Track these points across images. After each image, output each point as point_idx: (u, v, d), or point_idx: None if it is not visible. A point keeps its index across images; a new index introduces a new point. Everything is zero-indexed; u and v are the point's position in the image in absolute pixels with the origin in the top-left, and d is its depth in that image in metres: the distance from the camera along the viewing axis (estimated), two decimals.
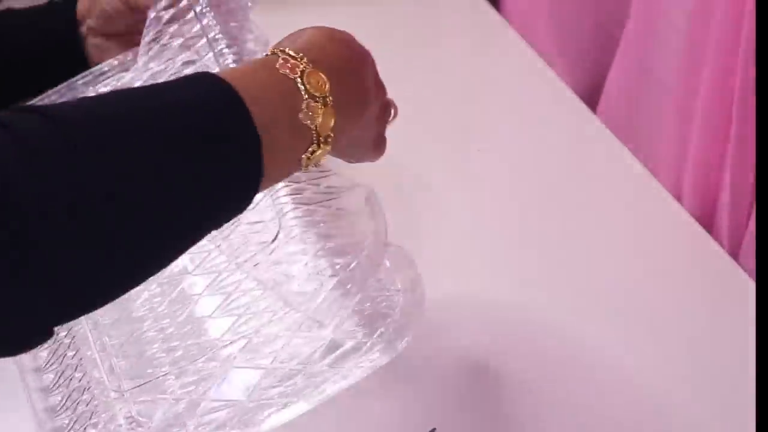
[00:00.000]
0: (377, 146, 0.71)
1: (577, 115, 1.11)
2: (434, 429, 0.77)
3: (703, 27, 0.90)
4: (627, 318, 0.88)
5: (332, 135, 0.59)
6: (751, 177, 0.90)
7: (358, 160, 0.71)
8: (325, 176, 0.72)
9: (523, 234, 0.96)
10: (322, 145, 0.59)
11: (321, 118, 0.58)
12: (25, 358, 0.78)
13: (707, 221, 0.97)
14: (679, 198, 1.00)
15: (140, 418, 0.69)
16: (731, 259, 0.94)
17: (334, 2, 1.23)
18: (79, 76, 0.87)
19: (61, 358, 0.77)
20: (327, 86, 0.59)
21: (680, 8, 0.94)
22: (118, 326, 0.78)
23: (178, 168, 0.52)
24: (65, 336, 0.77)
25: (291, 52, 0.60)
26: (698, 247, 0.96)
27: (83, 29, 0.88)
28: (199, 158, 0.53)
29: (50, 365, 0.78)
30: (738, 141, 0.89)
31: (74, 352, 0.76)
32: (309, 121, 0.58)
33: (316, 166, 0.60)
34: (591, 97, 1.13)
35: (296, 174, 0.63)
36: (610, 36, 1.08)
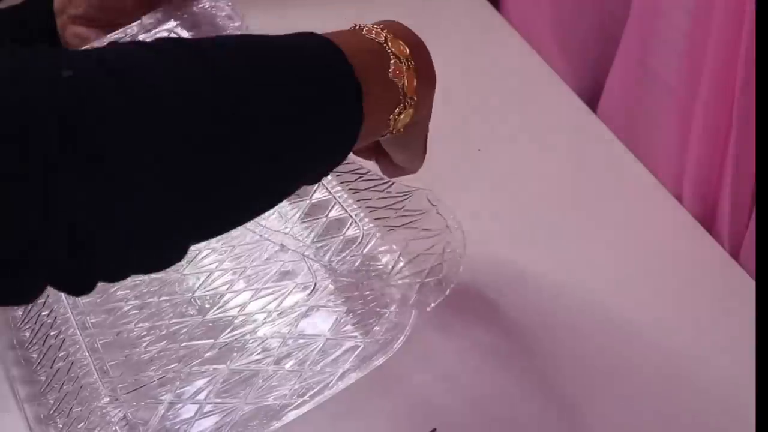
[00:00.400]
0: (425, 148, 0.76)
1: (577, 115, 1.11)
2: (434, 429, 0.76)
3: (703, 27, 0.90)
4: (627, 318, 0.88)
5: (416, 98, 0.65)
6: (751, 177, 0.90)
7: (411, 163, 0.76)
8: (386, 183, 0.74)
9: (523, 234, 0.96)
10: (407, 108, 0.65)
11: (406, 79, 0.65)
12: (12, 365, 0.78)
13: (707, 221, 0.97)
14: (679, 198, 1.00)
15: (136, 421, 0.69)
16: (731, 259, 0.94)
17: (334, 2, 1.23)
18: None
19: (51, 361, 0.77)
20: (408, 51, 0.66)
21: (680, 8, 0.94)
22: (107, 330, 0.78)
23: (296, 109, 0.57)
24: (54, 336, 0.77)
25: (371, 25, 0.67)
26: (698, 247, 0.96)
27: (62, 19, 0.88)
28: (309, 102, 0.58)
29: (41, 368, 0.77)
30: (738, 141, 0.89)
31: (65, 353, 0.76)
32: (397, 80, 0.64)
33: (400, 131, 0.66)
34: (591, 97, 1.13)
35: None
36: (610, 36, 1.08)
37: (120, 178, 0.49)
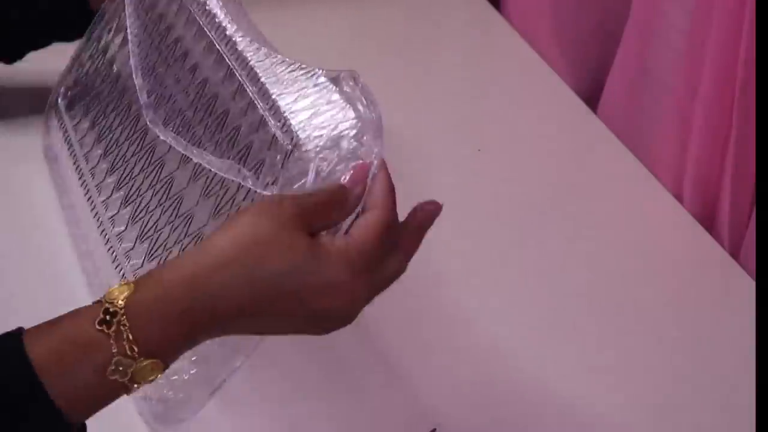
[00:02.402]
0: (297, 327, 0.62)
1: (577, 115, 1.11)
2: (434, 429, 0.77)
3: (703, 27, 0.90)
4: (627, 317, 0.88)
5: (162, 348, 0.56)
6: (751, 177, 0.90)
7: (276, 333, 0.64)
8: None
9: (523, 234, 0.96)
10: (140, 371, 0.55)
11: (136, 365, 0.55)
12: None
13: (707, 221, 0.97)
14: (679, 198, 1.00)
15: None
16: (731, 259, 0.94)
17: (334, 2, 1.23)
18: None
19: None
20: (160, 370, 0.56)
21: (680, 8, 0.94)
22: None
23: None
24: None
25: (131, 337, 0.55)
26: (698, 246, 0.96)
27: None
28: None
29: None
30: (738, 141, 0.89)
31: None
32: (117, 375, 0.55)
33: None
34: (591, 97, 1.13)
35: None
36: (610, 36, 1.08)
37: None
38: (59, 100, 0.96)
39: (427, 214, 0.64)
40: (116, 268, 0.80)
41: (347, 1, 1.24)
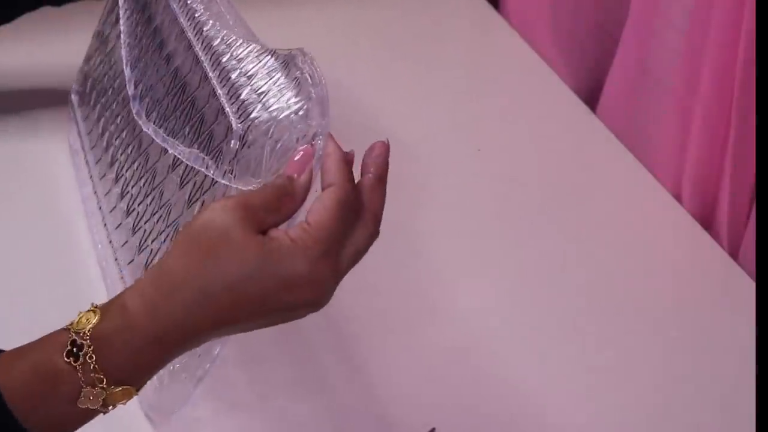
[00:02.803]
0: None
1: (577, 115, 1.11)
2: (434, 429, 0.77)
3: (702, 27, 0.90)
4: (626, 317, 0.88)
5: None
6: (750, 177, 0.90)
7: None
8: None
9: (523, 234, 0.96)
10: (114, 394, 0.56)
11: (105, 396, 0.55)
12: None
13: (707, 221, 0.97)
14: (678, 198, 1.00)
15: None
16: (731, 259, 0.94)
17: (334, 2, 1.23)
18: None
19: None
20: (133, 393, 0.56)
21: (680, 8, 0.94)
22: None
23: None
24: None
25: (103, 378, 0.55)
26: (698, 247, 0.96)
27: None
28: None
29: None
30: (738, 141, 0.89)
31: None
32: (87, 401, 0.55)
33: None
34: (591, 97, 1.13)
35: None
36: (610, 36, 1.08)
37: None
38: (72, 95, 0.98)
39: (377, 160, 0.61)
40: (115, 260, 0.81)
41: (347, 1, 1.24)
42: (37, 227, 0.91)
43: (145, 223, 0.77)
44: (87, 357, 0.54)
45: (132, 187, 0.80)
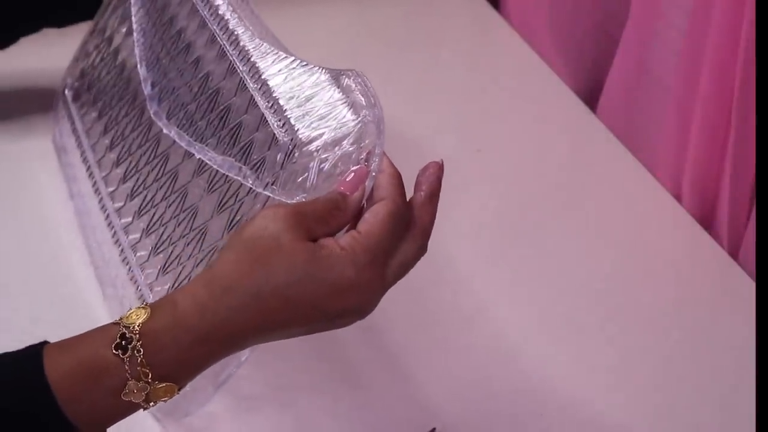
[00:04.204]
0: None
1: (577, 115, 1.11)
2: (434, 429, 0.77)
3: (702, 27, 0.90)
4: (626, 317, 0.88)
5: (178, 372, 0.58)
6: (750, 177, 0.90)
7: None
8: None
9: (523, 234, 0.96)
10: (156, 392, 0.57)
11: (149, 390, 0.57)
12: None
13: (707, 221, 0.97)
14: (678, 198, 1.00)
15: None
16: (731, 259, 0.94)
17: (334, 2, 1.23)
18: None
19: None
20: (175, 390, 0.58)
21: (680, 8, 0.95)
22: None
23: None
24: None
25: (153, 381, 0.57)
26: (697, 246, 0.96)
27: None
28: None
29: None
30: (738, 141, 0.89)
31: None
32: (132, 394, 0.57)
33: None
34: (591, 97, 1.13)
35: None
36: (610, 36, 1.09)
37: None
38: (66, 91, 0.97)
39: (430, 179, 0.64)
40: (123, 260, 0.81)
41: (347, 1, 1.24)
42: (21, 226, 0.91)
43: (162, 224, 0.77)
44: (135, 350, 0.56)
45: (147, 188, 0.80)
